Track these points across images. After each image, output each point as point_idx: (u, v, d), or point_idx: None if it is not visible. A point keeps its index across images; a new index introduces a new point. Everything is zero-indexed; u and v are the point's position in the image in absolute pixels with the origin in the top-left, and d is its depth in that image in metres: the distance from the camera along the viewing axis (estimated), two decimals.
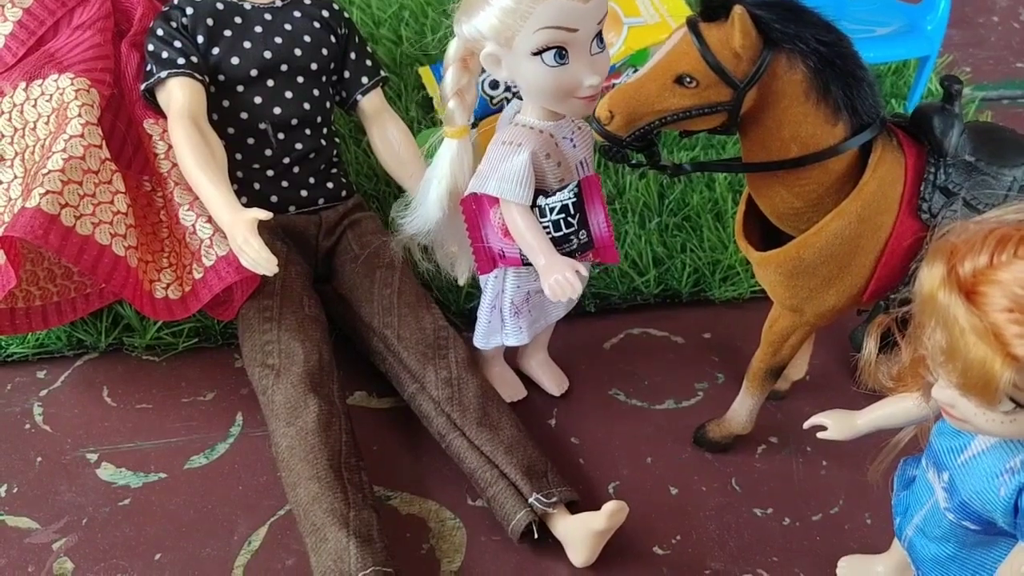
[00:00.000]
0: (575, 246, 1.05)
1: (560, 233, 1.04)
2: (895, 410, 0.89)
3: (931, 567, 0.86)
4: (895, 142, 0.93)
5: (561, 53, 0.95)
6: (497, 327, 1.15)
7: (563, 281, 0.99)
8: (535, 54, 0.95)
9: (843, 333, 1.31)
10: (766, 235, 1.02)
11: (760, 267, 1.00)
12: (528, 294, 1.12)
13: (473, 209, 1.07)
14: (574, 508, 1.06)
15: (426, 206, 1.09)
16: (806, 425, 0.96)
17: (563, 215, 1.03)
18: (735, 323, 1.37)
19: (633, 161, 0.94)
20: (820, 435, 0.94)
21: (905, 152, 0.93)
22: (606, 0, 0.97)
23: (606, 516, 0.99)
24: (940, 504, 0.81)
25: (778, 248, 0.96)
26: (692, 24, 0.85)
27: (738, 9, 0.81)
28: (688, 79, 0.85)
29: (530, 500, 1.04)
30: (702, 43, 0.83)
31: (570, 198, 1.02)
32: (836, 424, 0.93)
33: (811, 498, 1.14)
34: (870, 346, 0.84)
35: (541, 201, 1.03)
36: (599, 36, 0.98)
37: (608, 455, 1.19)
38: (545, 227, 1.03)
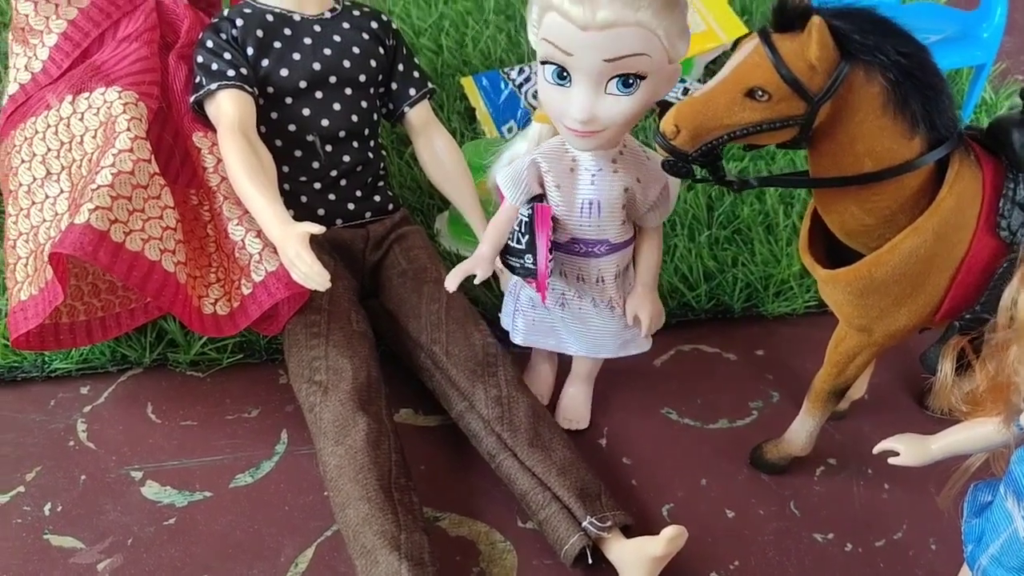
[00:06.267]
0: (519, 267, 1.04)
1: (512, 244, 1.03)
2: (973, 435, 0.85)
3: None
4: (972, 156, 0.90)
5: (561, 73, 0.92)
6: (509, 312, 1.15)
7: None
8: (542, 63, 0.94)
9: (903, 351, 1.27)
10: (831, 251, 0.99)
11: (827, 285, 0.97)
12: (532, 301, 1.10)
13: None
14: (628, 532, 1.04)
15: (499, 157, 1.09)
16: (876, 450, 0.92)
17: (517, 229, 1.02)
18: (789, 339, 1.33)
19: (698, 177, 0.91)
20: (892, 460, 0.91)
21: (982, 167, 0.90)
22: (626, 40, 0.88)
23: (665, 541, 0.96)
24: (1020, 533, 0.78)
25: (847, 266, 0.93)
26: (764, 35, 0.82)
27: (816, 20, 0.77)
28: (760, 92, 0.81)
29: (584, 524, 1.02)
30: (775, 55, 0.80)
31: (523, 217, 1.01)
32: (909, 449, 0.90)
33: (873, 523, 1.10)
34: (946, 368, 0.82)
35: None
36: (624, 79, 0.91)
37: (661, 476, 1.16)
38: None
